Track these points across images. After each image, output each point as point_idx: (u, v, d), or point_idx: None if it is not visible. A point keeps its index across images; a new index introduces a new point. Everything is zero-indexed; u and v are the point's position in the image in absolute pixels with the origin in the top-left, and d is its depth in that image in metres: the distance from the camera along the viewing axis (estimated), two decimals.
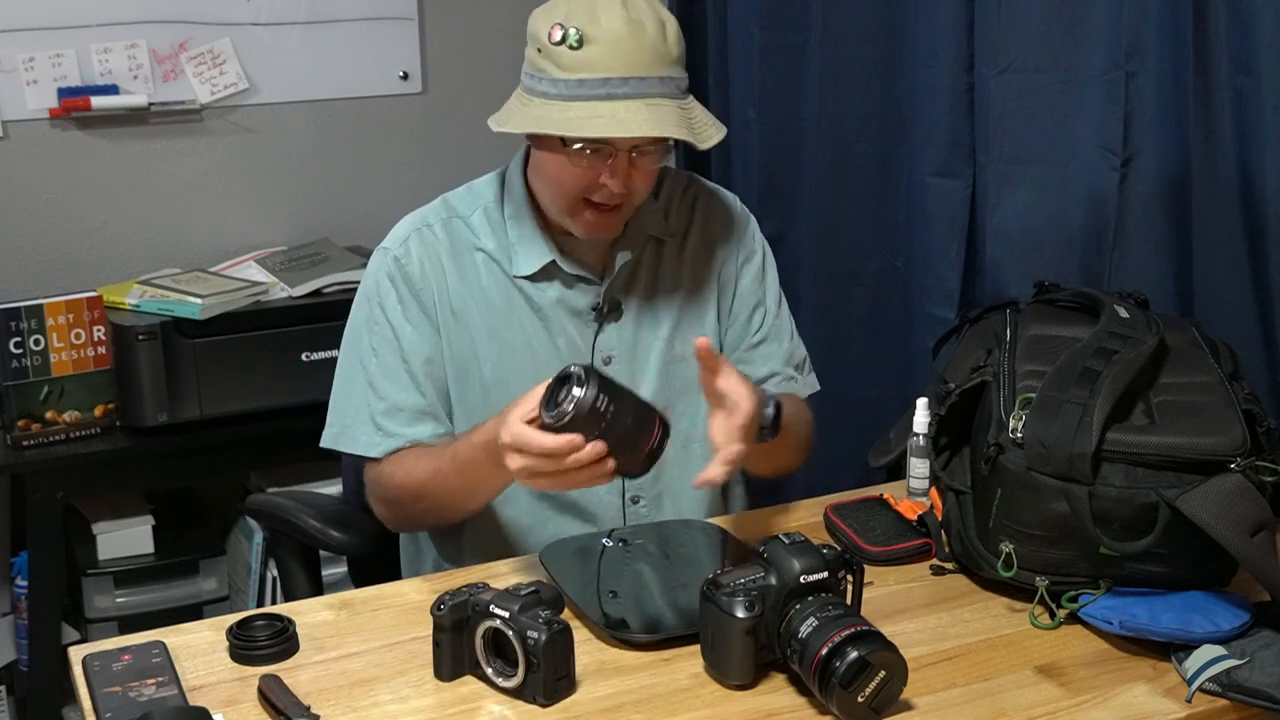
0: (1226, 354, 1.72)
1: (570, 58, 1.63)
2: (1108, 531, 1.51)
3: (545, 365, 1.78)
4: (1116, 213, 2.06)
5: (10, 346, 2.52)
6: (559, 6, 1.66)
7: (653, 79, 1.63)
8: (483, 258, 1.79)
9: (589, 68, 1.62)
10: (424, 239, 1.78)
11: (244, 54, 2.84)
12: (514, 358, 1.79)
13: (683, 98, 1.68)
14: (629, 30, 1.62)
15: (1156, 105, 2.00)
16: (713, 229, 1.89)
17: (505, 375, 1.78)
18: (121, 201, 2.82)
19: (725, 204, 1.92)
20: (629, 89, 1.62)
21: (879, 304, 2.53)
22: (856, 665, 1.32)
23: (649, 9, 1.66)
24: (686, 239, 1.87)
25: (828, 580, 1.42)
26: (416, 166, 3.02)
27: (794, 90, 2.53)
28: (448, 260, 1.78)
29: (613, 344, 1.81)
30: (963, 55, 2.23)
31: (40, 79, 2.70)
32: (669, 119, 1.64)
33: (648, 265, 1.83)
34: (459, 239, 1.79)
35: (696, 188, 1.90)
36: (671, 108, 1.65)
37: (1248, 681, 1.40)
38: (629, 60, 1.62)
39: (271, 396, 2.62)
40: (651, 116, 1.63)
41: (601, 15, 1.63)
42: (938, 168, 2.31)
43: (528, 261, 1.78)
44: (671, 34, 1.66)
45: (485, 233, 1.80)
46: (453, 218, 1.81)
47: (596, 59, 1.62)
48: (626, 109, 1.62)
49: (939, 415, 1.76)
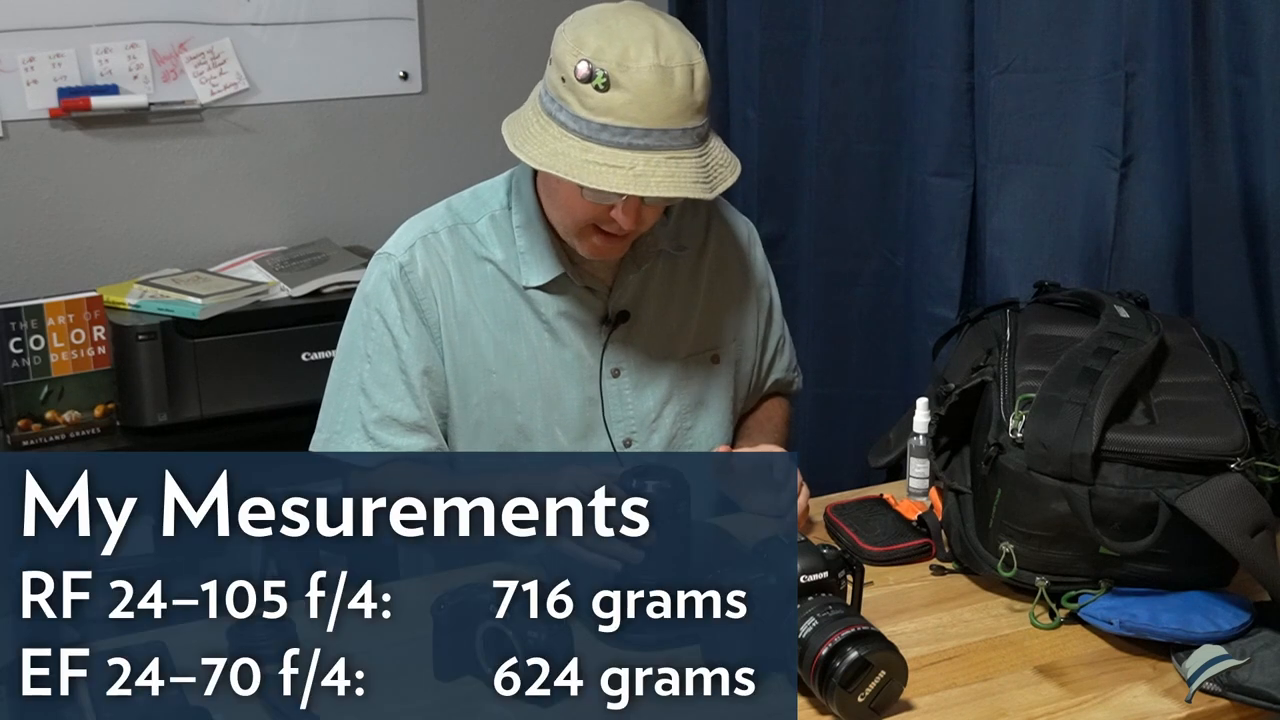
0: (1226, 354, 1.72)
1: (595, 99, 1.59)
2: (1108, 531, 1.51)
3: (552, 377, 1.77)
4: (1116, 213, 2.06)
5: (10, 346, 2.52)
6: (589, 40, 1.61)
7: (675, 130, 1.60)
8: (490, 268, 1.76)
9: (613, 114, 1.58)
10: (430, 246, 1.75)
11: (244, 54, 2.84)
12: (520, 369, 1.77)
13: (703, 144, 1.65)
14: (657, 81, 1.58)
15: (1156, 105, 2.00)
16: (726, 250, 1.88)
17: (510, 386, 1.77)
18: (121, 201, 2.82)
19: (736, 225, 1.91)
20: (651, 140, 1.59)
21: (879, 304, 2.53)
22: (856, 665, 1.32)
23: (680, 51, 1.61)
24: (702, 255, 1.86)
25: (828, 580, 1.42)
26: (416, 166, 3.02)
27: (794, 90, 2.53)
28: (454, 269, 1.75)
29: (621, 356, 1.80)
30: (963, 55, 2.23)
31: (40, 79, 2.69)
32: (686, 175, 1.61)
33: (658, 278, 1.82)
34: (465, 247, 1.76)
35: (708, 204, 1.87)
36: (691, 161, 1.61)
37: (1248, 681, 1.40)
38: (653, 113, 1.58)
39: (271, 396, 2.62)
40: (670, 173, 1.59)
41: (632, 60, 1.58)
42: (938, 167, 2.31)
43: (538, 272, 1.76)
44: (699, 80, 1.62)
45: (492, 241, 1.77)
46: (459, 224, 1.77)
47: (621, 107, 1.58)
48: (646, 162, 1.59)
49: (939, 415, 1.76)
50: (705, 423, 1.86)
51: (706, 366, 1.85)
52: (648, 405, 1.82)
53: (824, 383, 2.57)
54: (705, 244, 1.86)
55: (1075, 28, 2.08)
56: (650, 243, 1.79)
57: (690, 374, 1.83)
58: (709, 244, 1.87)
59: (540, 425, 1.79)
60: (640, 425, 1.82)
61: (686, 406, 1.83)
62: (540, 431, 1.79)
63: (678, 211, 1.84)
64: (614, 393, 1.80)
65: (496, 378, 1.76)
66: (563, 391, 1.79)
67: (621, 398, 1.81)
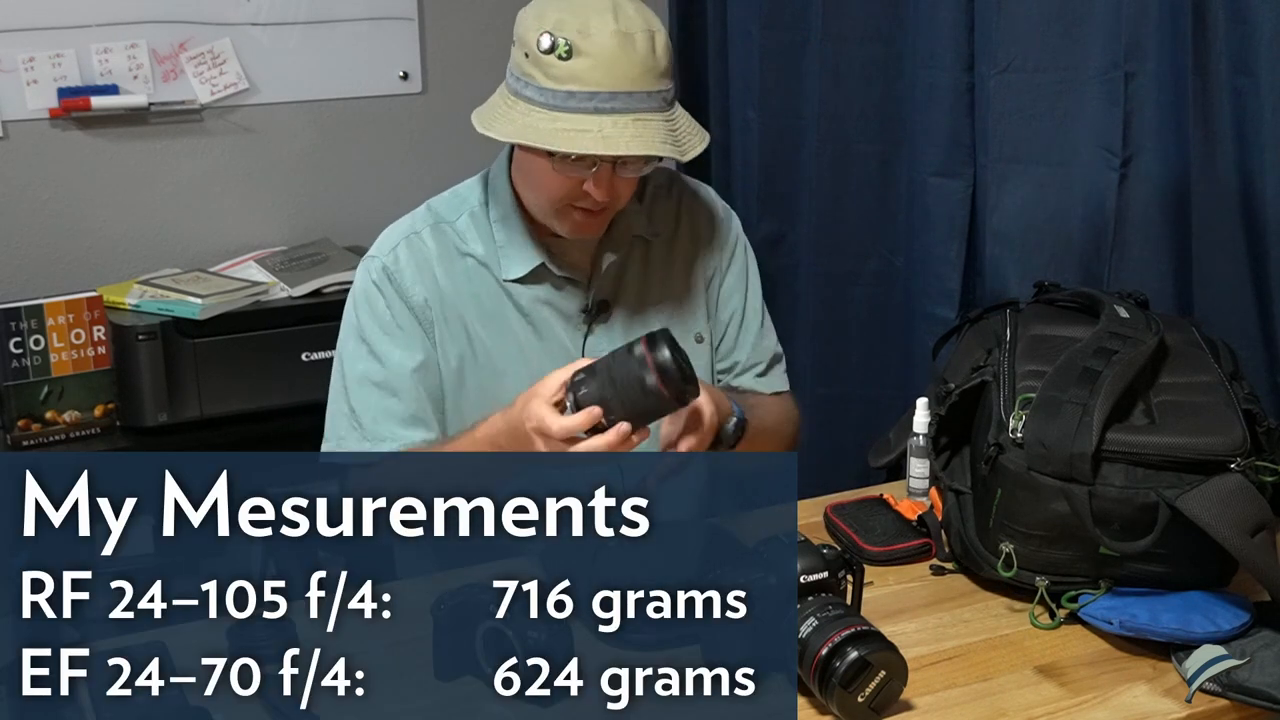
0: (1226, 354, 1.72)
1: (559, 68, 1.62)
2: (1108, 531, 1.51)
3: (537, 369, 1.78)
4: (1116, 212, 2.06)
5: (10, 346, 2.52)
6: (549, 13, 1.65)
7: (640, 94, 1.63)
8: (472, 263, 1.79)
9: (577, 80, 1.62)
10: (413, 246, 1.78)
11: (244, 54, 2.84)
12: (508, 362, 1.79)
13: (669, 109, 1.68)
14: (619, 44, 1.61)
15: (1156, 105, 2.00)
16: (699, 228, 1.89)
17: (498, 380, 1.78)
18: (121, 201, 2.82)
19: (709, 203, 1.92)
20: (617, 104, 1.62)
21: (879, 304, 2.53)
22: (856, 665, 1.32)
23: (640, 19, 1.65)
24: (674, 239, 1.87)
25: (828, 580, 1.42)
26: (416, 166, 3.02)
27: (794, 90, 2.53)
28: (438, 267, 1.78)
29: (603, 346, 1.81)
30: (963, 55, 2.23)
31: (40, 79, 2.70)
32: (655, 135, 1.63)
33: (635, 266, 1.84)
34: (447, 245, 1.79)
35: (680, 186, 1.90)
36: (658, 122, 1.65)
37: (1248, 681, 1.40)
38: (618, 76, 1.62)
39: (271, 396, 2.62)
40: (638, 134, 1.62)
41: (593, 27, 1.62)
42: (938, 167, 2.31)
43: (517, 265, 1.78)
44: (660, 45, 1.65)
45: (472, 237, 1.80)
46: (440, 223, 1.80)
47: (585, 73, 1.61)
48: (614, 125, 1.62)
49: (939, 415, 1.76)
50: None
51: (691, 347, 1.86)
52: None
53: (824, 383, 2.56)
54: (677, 230, 1.87)
55: (1075, 27, 2.08)
56: (625, 228, 1.81)
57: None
58: (681, 229, 1.88)
59: None
60: None
61: None
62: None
63: (650, 198, 1.86)
64: None
65: (485, 371, 1.79)
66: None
67: None
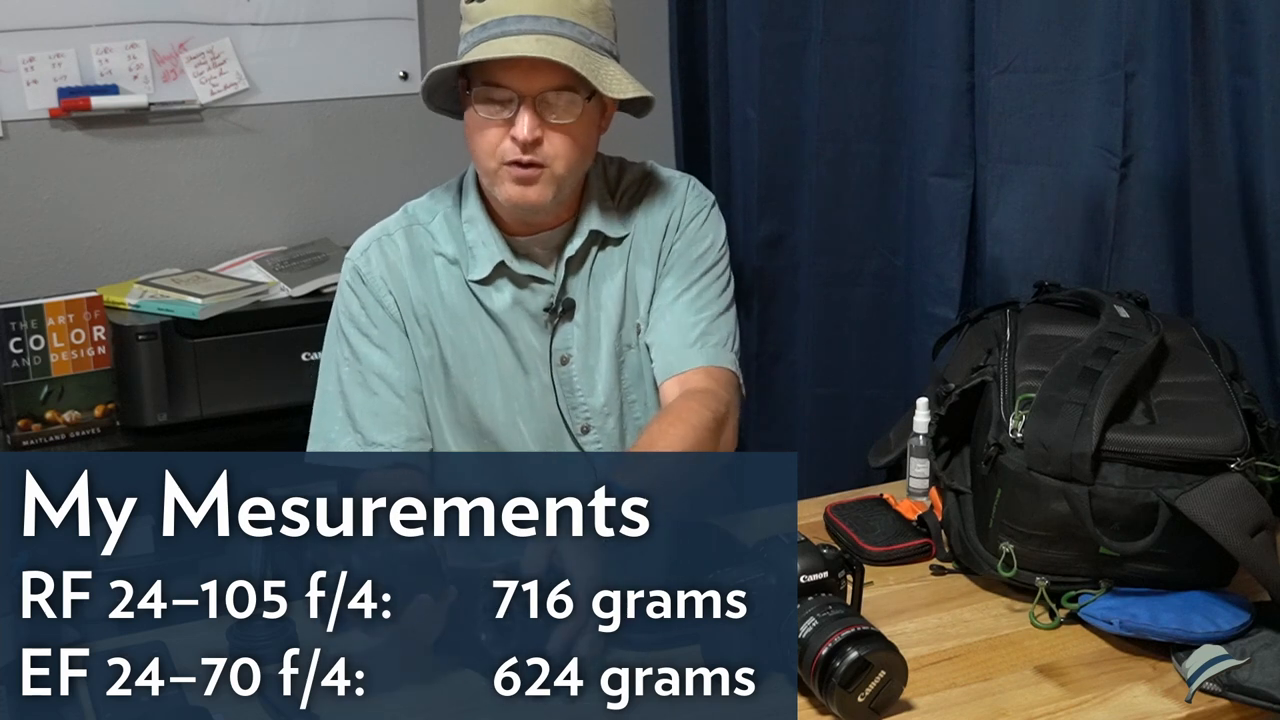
0: (1226, 354, 1.72)
1: (477, 9, 1.69)
2: (1108, 531, 1.51)
3: (510, 368, 1.81)
4: (1116, 213, 2.05)
5: (10, 346, 2.52)
6: None
7: (551, 19, 1.67)
8: (442, 263, 1.82)
9: (490, 13, 1.68)
10: (384, 248, 1.81)
11: (244, 54, 2.84)
12: (479, 363, 1.82)
13: (595, 49, 1.70)
14: None
15: (1155, 105, 2.00)
16: (654, 210, 1.88)
17: (469, 381, 1.82)
18: (121, 201, 2.82)
19: (667, 182, 1.90)
20: (524, 26, 1.66)
21: (879, 304, 2.52)
22: (856, 665, 1.33)
23: None
24: (643, 235, 1.87)
25: (828, 580, 1.42)
26: (416, 166, 3.01)
27: (794, 90, 2.53)
28: (408, 269, 1.81)
29: (568, 343, 1.84)
30: (963, 55, 2.23)
31: (40, 79, 2.69)
32: (560, 51, 1.65)
33: (596, 261, 1.85)
34: (419, 247, 1.82)
35: (651, 180, 1.89)
36: (568, 44, 1.67)
37: (1248, 681, 1.40)
38: (527, 2, 1.67)
39: (271, 396, 2.62)
40: (540, 46, 1.65)
41: None
42: (938, 168, 2.30)
43: (482, 264, 1.80)
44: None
45: (445, 238, 1.82)
46: (414, 225, 1.83)
47: (495, 5, 1.67)
48: (518, 41, 1.65)
49: (939, 415, 1.76)
50: (648, 395, 1.89)
51: (631, 340, 1.88)
52: (597, 390, 1.85)
53: (824, 383, 2.56)
54: (648, 226, 1.87)
55: (1075, 27, 2.07)
56: (585, 222, 1.82)
57: (629, 347, 1.86)
58: (637, 217, 1.87)
59: (502, 416, 1.84)
60: (594, 411, 1.85)
61: (630, 382, 1.86)
62: (503, 423, 1.84)
63: (621, 191, 1.86)
64: (565, 380, 1.84)
65: (458, 371, 1.81)
66: (519, 382, 1.83)
67: (572, 385, 1.84)
